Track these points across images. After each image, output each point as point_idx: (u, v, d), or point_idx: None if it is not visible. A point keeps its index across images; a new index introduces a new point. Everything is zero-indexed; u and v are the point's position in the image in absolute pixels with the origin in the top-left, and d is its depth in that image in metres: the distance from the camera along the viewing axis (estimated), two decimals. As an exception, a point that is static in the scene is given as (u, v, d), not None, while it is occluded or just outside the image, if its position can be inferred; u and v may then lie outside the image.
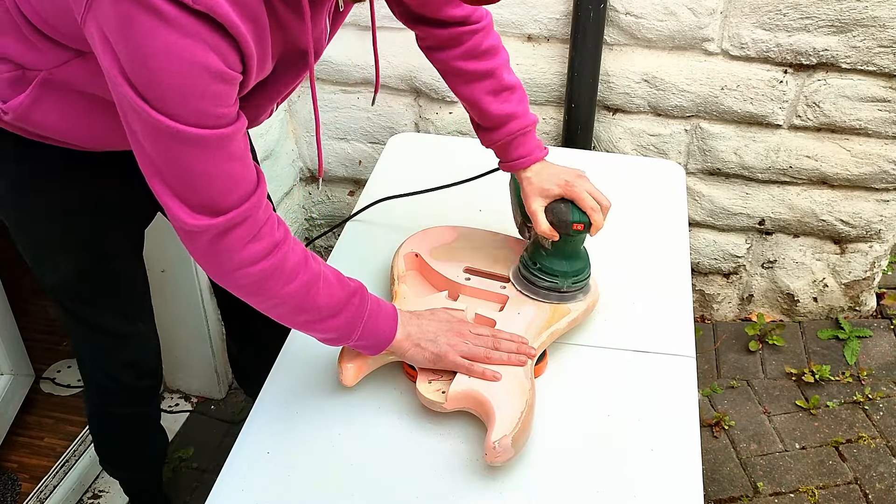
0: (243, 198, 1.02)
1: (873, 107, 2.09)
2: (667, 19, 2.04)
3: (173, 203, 1.00)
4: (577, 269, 1.37)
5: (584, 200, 1.31)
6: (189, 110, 0.92)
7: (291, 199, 2.52)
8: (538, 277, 1.37)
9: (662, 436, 1.24)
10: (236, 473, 1.19)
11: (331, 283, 1.14)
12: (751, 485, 2.07)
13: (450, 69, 1.37)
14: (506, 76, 1.36)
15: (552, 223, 1.32)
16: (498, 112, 1.35)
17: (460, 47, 1.34)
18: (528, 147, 1.36)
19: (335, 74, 2.30)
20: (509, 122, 1.36)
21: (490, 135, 1.38)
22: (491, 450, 1.13)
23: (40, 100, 1.13)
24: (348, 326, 1.16)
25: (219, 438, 2.18)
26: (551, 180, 1.33)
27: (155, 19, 0.86)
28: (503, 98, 1.36)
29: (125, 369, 1.55)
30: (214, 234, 1.01)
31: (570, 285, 1.37)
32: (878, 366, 2.35)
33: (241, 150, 1.01)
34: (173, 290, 2.05)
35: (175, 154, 0.96)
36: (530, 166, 1.36)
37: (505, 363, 1.24)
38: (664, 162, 1.94)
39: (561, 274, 1.36)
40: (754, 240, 2.38)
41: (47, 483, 2.02)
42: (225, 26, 0.90)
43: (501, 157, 1.40)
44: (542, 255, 1.37)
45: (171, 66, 0.89)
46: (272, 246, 1.06)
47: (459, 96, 1.39)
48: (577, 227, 1.32)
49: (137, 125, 0.95)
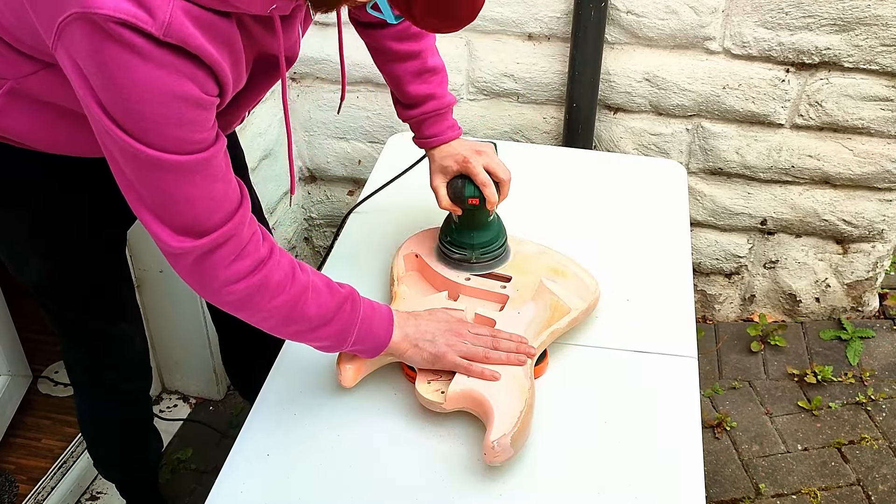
0: (226, 217, 1.02)
1: (876, 106, 2.08)
2: (668, 18, 2.04)
3: (156, 226, 1.00)
4: (485, 241, 1.42)
5: (477, 176, 1.35)
6: (168, 138, 0.93)
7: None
8: (449, 250, 1.43)
9: (664, 437, 1.24)
10: (235, 475, 1.19)
11: (320, 292, 1.14)
12: (753, 486, 2.06)
13: (378, 46, 1.41)
14: (430, 59, 1.41)
15: (451, 198, 1.39)
16: (417, 92, 1.40)
17: (393, 28, 1.37)
18: (441, 127, 1.41)
19: (334, 74, 2.29)
20: (426, 103, 1.41)
21: (406, 111, 1.44)
22: (490, 449, 1.12)
23: (8, 108, 1.12)
24: (341, 333, 1.16)
25: (217, 439, 2.17)
26: (451, 157, 1.39)
27: (127, 52, 0.87)
28: (424, 79, 1.40)
29: (109, 371, 1.54)
30: (198, 255, 1.02)
31: (479, 256, 1.42)
32: (880, 366, 2.34)
33: (222, 171, 1.01)
34: (171, 290, 2.05)
35: (155, 180, 0.96)
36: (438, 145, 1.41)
37: (504, 363, 1.23)
38: (665, 161, 1.93)
39: (468, 246, 1.41)
40: (756, 240, 2.38)
41: (45, 484, 2.01)
42: (199, 56, 0.91)
43: (416, 134, 1.45)
44: (452, 228, 1.43)
45: (148, 97, 0.89)
46: (257, 262, 1.07)
47: (382, 72, 1.44)
48: (473, 202, 1.37)
49: (116, 152, 0.95)
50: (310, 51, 2.19)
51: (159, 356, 2.23)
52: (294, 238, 2.59)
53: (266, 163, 2.28)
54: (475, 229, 1.41)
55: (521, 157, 1.75)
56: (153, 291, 2.05)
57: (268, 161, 2.28)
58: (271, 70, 1.11)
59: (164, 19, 0.87)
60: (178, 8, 0.88)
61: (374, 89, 2.31)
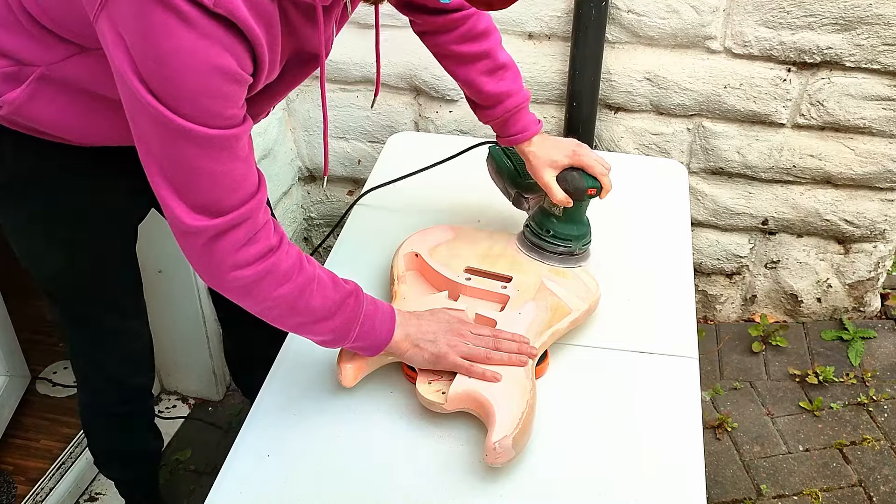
0: (244, 199, 1.02)
1: (877, 105, 2.08)
2: (669, 17, 2.03)
3: (174, 202, 1.00)
4: (585, 232, 1.46)
5: (594, 167, 1.39)
6: (201, 110, 0.93)
7: (290, 199, 2.50)
8: (551, 243, 1.44)
9: (665, 437, 1.23)
10: (234, 475, 1.18)
11: (325, 285, 1.14)
12: (754, 487, 2.05)
13: (445, 52, 1.41)
14: (500, 55, 1.41)
15: (566, 191, 1.40)
16: (494, 90, 1.40)
17: (455, 31, 1.38)
18: (525, 122, 1.42)
19: (334, 73, 2.29)
20: (505, 100, 1.41)
21: (487, 112, 1.43)
22: (491, 451, 1.12)
23: (36, 95, 1.13)
24: (344, 328, 1.16)
25: (217, 440, 2.16)
26: (558, 151, 1.40)
27: (174, 18, 0.87)
28: (498, 77, 1.40)
29: (118, 366, 1.54)
30: (212, 235, 1.02)
31: (582, 247, 1.46)
32: (882, 367, 2.34)
33: (245, 152, 1.01)
34: (170, 290, 2.04)
35: (181, 153, 0.96)
36: (530, 139, 1.41)
37: (505, 363, 1.23)
38: (666, 161, 1.93)
39: (574, 238, 1.44)
40: (757, 240, 2.37)
41: (43, 486, 2.00)
42: (242, 29, 0.92)
43: (499, 133, 1.45)
44: (554, 222, 1.44)
45: (188, 65, 0.90)
46: (267, 249, 1.06)
47: (455, 77, 1.43)
48: (591, 192, 1.41)
49: (146, 123, 0.95)
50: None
51: (158, 357, 2.20)
52: (293, 238, 2.58)
53: (266, 162, 2.27)
54: (578, 222, 1.45)
55: (522, 157, 1.75)
56: (152, 292, 2.03)
57: (267, 161, 2.28)
58: (305, 64, 1.12)
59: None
60: None
61: (373, 88, 2.30)
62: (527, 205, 1.50)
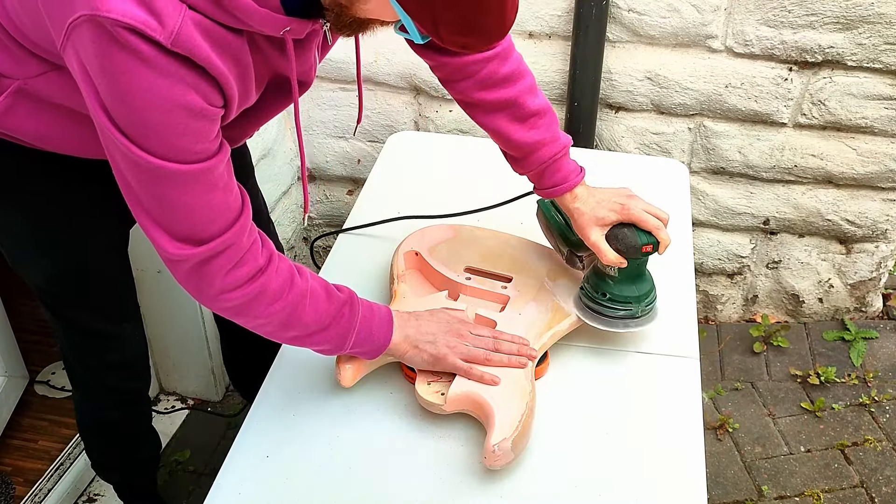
0: (225, 227, 1.02)
1: (879, 105, 2.07)
2: (670, 16, 2.02)
3: (156, 232, 1.01)
4: (647, 290, 1.31)
5: (647, 222, 1.25)
6: (169, 147, 0.93)
7: (289, 199, 2.50)
8: (609, 308, 1.30)
9: (666, 438, 1.23)
10: (233, 476, 1.18)
11: (318, 298, 1.13)
12: (755, 488, 2.05)
13: (468, 100, 1.31)
14: (530, 102, 1.28)
15: (618, 250, 1.26)
16: (524, 140, 1.28)
17: (475, 77, 1.27)
18: (563, 173, 1.29)
19: (334, 72, 2.28)
20: (538, 150, 1.29)
21: (520, 164, 1.32)
22: (490, 453, 1.11)
23: (14, 107, 1.12)
24: (339, 338, 1.16)
25: (216, 441, 2.16)
26: (604, 207, 1.27)
27: (133, 58, 0.87)
28: (530, 125, 1.28)
29: (112, 371, 1.53)
30: (196, 263, 1.02)
31: (644, 308, 1.31)
32: (884, 367, 2.33)
33: (223, 181, 1.01)
34: (169, 291, 2.04)
35: (155, 187, 0.97)
36: (573, 192, 1.29)
37: (505, 365, 1.22)
38: (667, 161, 1.92)
39: (634, 299, 1.30)
40: (759, 240, 2.36)
41: (42, 487, 2.00)
42: (205, 68, 0.91)
43: (537, 185, 1.34)
44: (610, 283, 1.30)
45: (150, 105, 0.90)
46: (255, 271, 1.06)
47: (483, 127, 1.32)
48: (647, 249, 1.26)
49: (118, 157, 0.95)
50: (309, 49, 2.18)
51: (157, 357, 2.22)
52: (293, 238, 2.58)
53: (265, 162, 2.26)
54: (637, 280, 1.30)
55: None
56: (151, 292, 2.04)
57: (266, 161, 2.27)
58: (285, 91, 1.10)
59: (173, 28, 0.87)
60: (188, 18, 0.88)
61: (373, 88, 2.30)
62: (580, 263, 1.37)
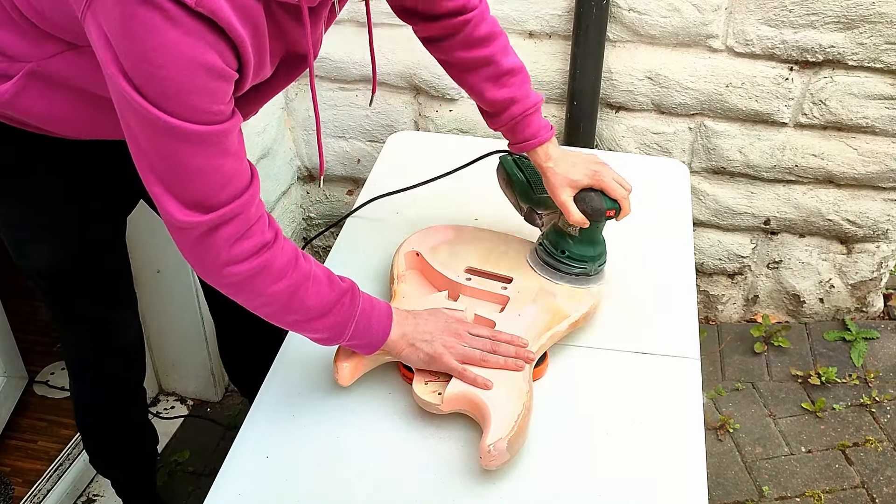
0: (235, 195, 1.02)
1: (880, 104, 2.07)
2: (670, 15, 2.02)
3: (165, 198, 1.00)
4: (601, 252, 1.41)
5: (615, 190, 1.34)
6: (187, 106, 0.94)
7: (289, 199, 2.49)
8: (567, 265, 1.39)
9: (666, 439, 1.22)
10: (233, 477, 1.18)
11: (321, 283, 1.13)
12: (756, 489, 2.04)
13: (448, 60, 1.39)
14: (505, 61, 1.37)
15: (584, 212, 1.34)
16: (499, 97, 1.37)
17: (456, 37, 1.35)
18: (533, 129, 1.38)
19: (333, 72, 2.28)
20: (511, 107, 1.37)
21: (495, 120, 1.40)
22: (486, 453, 1.11)
23: (26, 89, 1.13)
24: (339, 326, 1.15)
25: (215, 441, 2.16)
26: (578, 170, 1.35)
27: (158, 16, 0.88)
28: (503, 83, 1.37)
29: (109, 357, 1.55)
30: (204, 231, 1.02)
31: (597, 268, 1.41)
32: (885, 368, 2.33)
33: (235, 147, 1.01)
34: (169, 290, 2.03)
35: (170, 150, 0.97)
36: (548, 152, 1.37)
37: (501, 367, 1.22)
38: (668, 160, 1.92)
39: (590, 259, 1.39)
40: (759, 240, 2.36)
41: (41, 487, 1.99)
42: (225, 30, 0.92)
43: (510, 140, 1.42)
44: (570, 242, 1.39)
45: (173, 62, 0.91)
46: (261, 244, 1.06)
47: (461, 84, 1.41)
48: (609, 214, 1.36)
49: (133, 121, 0.96)
50: (309, 49, 2.18)
51: (157, 357, 2.22)
52: (292, 237, 2.57)
53: (265, 162, 2.26)
54: (595, 242, 1.40)
55: (522, 156, 1.74)
56: (150, 292, 2.04)
57: (266, 160, 2.27)
58: (295, 65, 1.13)
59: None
60: None
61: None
62: (540, 221, 1.45)
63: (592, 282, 1.40)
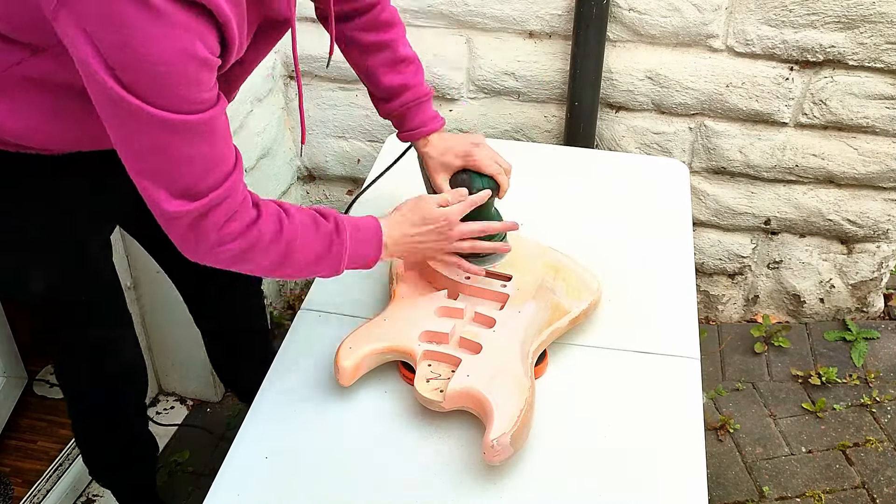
0: (221, 180, 1.04)
1: (881, 104, 2.06)
2: (671, 15, 2.02)
3: (153, 190, 1.01)
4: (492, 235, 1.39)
5: (486, 167, 1.36)
6: (172, 97, 0.94)
7: (288, 198, 2.49)
8: None
9: (666, 439, 1.22)
10: (233, 477, 1.18)
11: (308, 232, 1.15)
12: (756, 489, 2.04)
13: (347, 39, 1.40)
14: (402, 49, 1.40)
15: None
16: (392, 83, 1.39)
17: (359, 19, 1.37)
18: (423, 118, 1.41)
19: (333, 72, 2.27)
20: (403, 93, 1.40)
21: (385, 105, 1.43)
22: (489, 448, 1.11)
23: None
24: (334, 263, 1.19)
25: (215, 442, 2.15)
26: (450, 153, 1.38)
27: (141, 9, 0.88)
28: (398, 70, 1.40)
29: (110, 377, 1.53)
30: (194, 217, 1.03)
31: None
32: (885, 368, 2.32)
33: (221, 132, 1.03)
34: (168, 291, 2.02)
35: (155, 141, 0.97)
36: (426, 137, 1.40)
37: (488, 251, 1.32)
38: (668, 160, 1.92)
39: (484, 239, 1.37)
40: (760, 240, 2.36)
41: (40, 487, 1.99)
42: (213, 13, 0.92)
43: (398, 128, 1.44)
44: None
45: (157, 55, 0.90)
46: (249, 222, 1.09)
47: (355, 66, 1.43)
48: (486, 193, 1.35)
49: (117, 115, 0.96)
50: (308, 49, 2.17)
51: (156, 358, 2.21)
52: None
53: (265, 161, 2.26)
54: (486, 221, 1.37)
55: (523, 156, 1.73)
56: (150, 293, 2.03)
57: (266, 160, 2.27)
58: (274, 31, 1.14)
59: None
60: None
61: (373, 88, 2.29)
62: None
63: (489, 262, 1.39)
